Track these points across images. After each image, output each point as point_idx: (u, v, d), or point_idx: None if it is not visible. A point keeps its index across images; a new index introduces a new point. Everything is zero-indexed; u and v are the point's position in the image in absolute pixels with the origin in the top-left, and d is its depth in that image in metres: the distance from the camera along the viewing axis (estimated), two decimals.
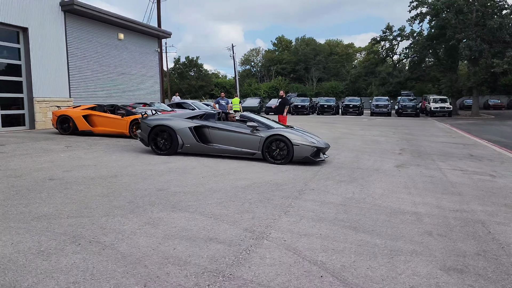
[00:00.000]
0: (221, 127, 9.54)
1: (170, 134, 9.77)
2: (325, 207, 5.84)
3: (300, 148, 9.01)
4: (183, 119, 9.88)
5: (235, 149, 9.48)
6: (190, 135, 9.64)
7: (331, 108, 39.02)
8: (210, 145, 9.63)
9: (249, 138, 9.38)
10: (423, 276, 3.67)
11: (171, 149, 9.80)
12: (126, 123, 13.88)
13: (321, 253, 4.12)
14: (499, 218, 5.60)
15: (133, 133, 13.75)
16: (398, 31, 48.01)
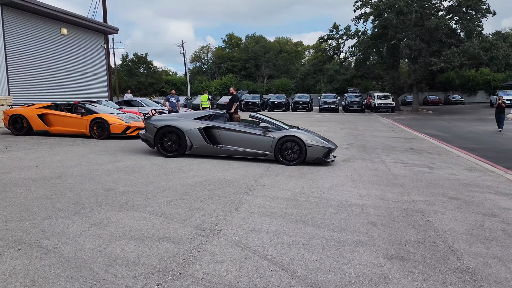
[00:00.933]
0: (231, 128, 9.25)
1: (178, 135, 9.36)
2: (275, 203, 5.92)
3: (313, 149, 8.91)
4: (191, 120, 9.48)
5: (246, 151, 9.19)
6: (200, 136, 9.26)
7: (282, 104, 39.55)
8: (220, 146, 9.31)
9: (261, 139, 9.11)
10: (367, 265, 3.83)
11: (179, 150, 9.39)
12: (86, 122, 13.13)
13: (271, 247, 4.18)
14: (436, 207, 5.95)
15: (94, 132, 13.08)
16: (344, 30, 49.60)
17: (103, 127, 12.96)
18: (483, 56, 32.24)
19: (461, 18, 35.87)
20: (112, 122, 12.98)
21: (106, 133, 12.92)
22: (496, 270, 3.82)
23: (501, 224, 5.24)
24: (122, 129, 13.02)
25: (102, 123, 13.00)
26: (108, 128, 12.88)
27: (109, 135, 12.95)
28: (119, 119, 13.29)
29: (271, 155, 9.02)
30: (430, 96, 53.54)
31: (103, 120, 13.00)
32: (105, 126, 12.93)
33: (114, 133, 12.97)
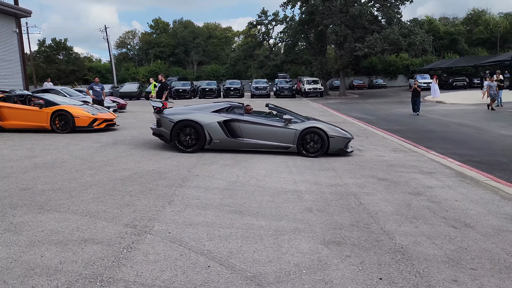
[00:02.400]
0: (252, 121, 8.84)
1: (196, 130, 8.80)
2: (210, 193, 5.75)
3: (336, 140, 8.73)
4: (209, 113, 8.94)
5: (269, 143, 8.82)
6: (220, 130, 8.75)
7: (213, 91, 39.08)
8: (241, 140, 8.85)
9: (283, 132, 8.78)
10: (306, 253, 3.81)
11: (198, 145, 8.84)
12: (46, 115, 11.93)
13: (207, 242, 4.02)
14: (367, 189, 6.14)
15: (55, 126, 11.93)
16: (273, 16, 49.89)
17: (66, 120, 11.93)
18: (402, 42, 34.09)
19: (382, 6, 37.57)
20: (77, 114, 11.97)
21: (70, 127, 11.89)
22: (425, 248, 3.97)
23: (427, 202, 5.51)
24: (88, 121, 12.07)
25: (65, 116, 11.95)
26: (72, 121, 11.86)
27: (74, 129, 11.95)
28: (85, 110, 12.36)
29: (294, 148, 8.76)
30: (356, 81, 55.85)
31: (67, 113, 11.93)
32: (68, 119, 11.91)
33: (79, 126, 11.99)
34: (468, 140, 11.42)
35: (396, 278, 3.35)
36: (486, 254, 3.83)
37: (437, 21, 66.02)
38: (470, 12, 67.44)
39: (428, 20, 63.66)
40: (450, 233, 4.38)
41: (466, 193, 5.96)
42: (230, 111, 9.03)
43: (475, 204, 5.45)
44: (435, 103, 26.68)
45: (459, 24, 65.88)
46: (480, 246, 4.03)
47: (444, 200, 5.62)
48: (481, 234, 4.34)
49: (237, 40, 77.80)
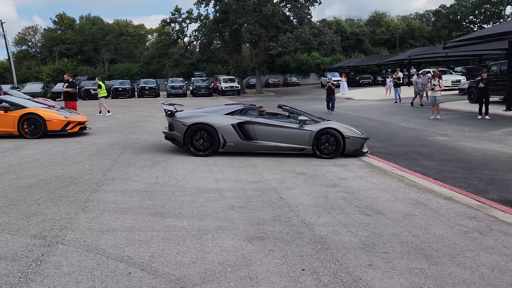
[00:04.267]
0: (266, 123, 8.60)
1: (209, 133, 8.51)
2: (128, 196, 5.50)
3: (352, 140, 8.55)
4: (222, 115, 8.66)
5: (284, 145, 8.57)
6: (234, 132, 8.48)
7: (126, 91, 37.56)
8: (255, 142, 8.58)
9: (298, 133, 8.53)
10: (230, 250, 3.80)
11: (212, 148, 8.54)
12: (13, 119, 10.55)
13: (127, 247, 3.83)
14: (287, 184, 6.31)
15: (24, 131, 10.59)
16: (187, 13, 49.27)
17: (37, 124, 10.69)
18: (313, 41, 35.66)
19: (293, 6, 38.94)
20: (48, 117, 10.75)
21: (41, 131, 10.66)
22: (342, 236, 4.18)
23: (342, 193, 5.81)
24: (61, 125, 10.95)
25: (35, 120, 10.67)
26: (44, 125, 10.67)
27: (46, 133, 10.73)
28: (57, 113, 11.17)
29: (309, 149, 8.53)
30: (271, 79, 57.25)
31: (37, 116, 10.66)
32: (39, 123, 10.69)
33: (52, 131, 10.81)
34: (375, 133, 12.27)
35: (317, 268, 3.47)
36: (396, 238, 4.13)
37: (343, 22, 70.17)
38: (373, 15, 72.71)
39: (336, 21, 67.41)
40: (364, 220, 4.66)
41: (376, 183, 6.39)
42: (243, 113, 8.81)
43: (384, 192, 5.86)
44: (345, 99, 28.28)
45: (363, 26, 70.63)
46: (391, 230, 4.34)
47: (357, 190, 5.97)
48: (391, 220, 4.68)
49: (150, 38, 75.53)
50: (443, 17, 66.04)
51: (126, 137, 10.96)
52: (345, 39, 61.14)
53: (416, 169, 7.34)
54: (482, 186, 6.24)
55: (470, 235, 4.19)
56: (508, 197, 5.61)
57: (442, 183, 6.39)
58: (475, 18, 64.08)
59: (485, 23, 61.95)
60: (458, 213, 4.90)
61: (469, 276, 3.33)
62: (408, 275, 3.34)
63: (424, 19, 73.94)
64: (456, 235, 4.19)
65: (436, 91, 15.28)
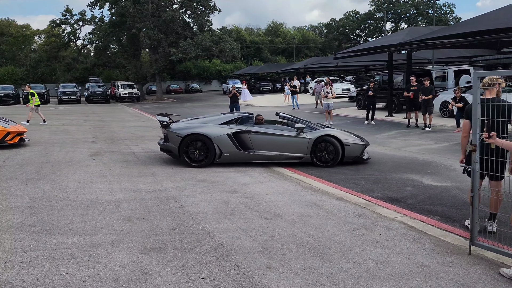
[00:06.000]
0: (262, 131, 8.35)
1: (205, 143, 8.24)
2: (8, 214, 4.95)
3: (351, 147, 8.26)
4: (217, 125, 8.43)
5: (281, 155, 8.29)
6: (230, 142, 8.20)
7: (9, 97, 34.03)
8: (252, 152, 8.29)
9: (295, 141, 8.23)
10: (125, 265, 3.62)
11: (207, 159, 8.24)
12: None
13: (5, 271, 3.43)
14: (187, 192, 6.22)
15: None
16: (79, 15, 46.38)
17: None
18: (214, 49, 35.87)
19: (193, 13, 38.79)
20: None
21: None
22: (242, 241, 4.23)
23: (242, 198, 5.89)
24: (1, 136, 9.67)
25: None
26: None
27: None
28: None
29: (308, 158, 8.22)
30: (172, 85, 56.28)
31: None
32: None
33: None
34: None
35: (217, 275, 3.46)
36: (293, 239, 4.30)
37: (243, 31, 71.91)
38: (271, 25, 75.61)
39: (236, 29, 68.79)
40: (263, 224, 4.77)
41: (275, 187, 6.60)
42: (239, 122, 8.53)
43: (282, 195, 6.07)
44: (246, 106, 28.90)
45: (262, 35, 73.09)
46: (288, 232, 4.50)
47: (257, 195, 6.10)
48: (288, 222, 4.86)
49: (38, 40, 69.48)
50: (333, 30, 71.36)
51: (12, 148, 9.90)
52: (245, 47, 62.64)
53: (311, 172, 7.75)
54: (368, 185, 6.79)
55: (358, 232, 4.52)
56: (390, 195, 6.18)
57: (335, 184, 6.83)
58: (361, 32, 70.41)
59: (369, 36, 68.37)
60: (348, 211, 5.26)
61: (357, 270, 3.58)
62: (303, 274, 3.49)
63: (317, 31, 79.01)
64: (346, 233, 4.49)
65: (329, 98, 16.35)
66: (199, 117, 9.60)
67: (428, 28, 26.94)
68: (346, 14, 70.30)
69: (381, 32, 63.60)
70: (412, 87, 14.23)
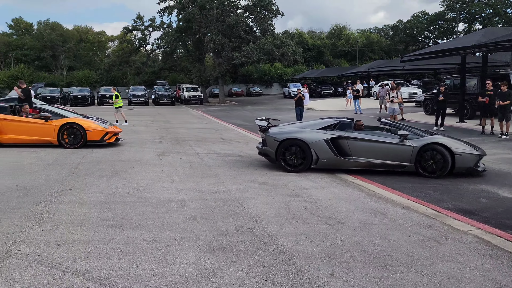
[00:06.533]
0: (362, 138, 8.05)
1: (302, 149, 8.12)
2: (86, 208, 5.32)
3: (463, 158, 7.67)
4: (315, 131, 8.27)
5: (382, 162, 7.94)
6: (327, 148, 8.02)
7: (86, 98, 36.56)
8: (350, 158, 8.02)
9: (397, 149, 7.86)
10: (192, 262, 3.75)
11: (304, 165, 8.12)
12: (53, 128, 10.15)
13: (84, 261, 3.69)
14: (249, 194, 6.31)
15: (64, 141, 10.30)
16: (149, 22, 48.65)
17: (76, 134, 10.36)
18: (276, 52, 36.10)
19: (256, 17, 39.33)
20: (88, 127, 10.46)
21: (81, 141, 10.36)
22: (304, 246, 4.22)
23: (304, 203, 5.87)
24: (100, 135, 10.70)
25: (75, 129, 10.32)
26: (84, 135, 10.39)
27: (86, 143, 10.36)
28: (96, 123, 10.84)
29: (411, 167, 7.85)
30: (234, 88, 57.36)
31: (77, 126, 10.36)
32: (79, 133, 10.37)
33: (91, 141, 10.50)
34: None
35: (280, 278, 3.48)
36: (357, 247, 4.21)
37: (305, 34, 71.59)
38: (333, 28, 74.63)
39: (298, 33, 68.67)
40: (325, 230, 4.72)
41: (337, 192, 6.51)
42: (338, 128, 8.33)
43: (345, 201, 5.97)
44: (307, 109, 28.75)
45: (324, 38, 72.36)
46: (351, 240, 4.42)
47: (319, 199, 6.05)
48: (351, 229, 4.77)
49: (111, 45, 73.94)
50: (400, 32, 68.87)
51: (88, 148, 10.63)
52: (307, 51, 62.37)
53: (375, 179, 7.54)
54: (438, 195, 6.49)
55: (426, 244, 4.33)
56: (462, 206, 5.86)
57: (400, 192, 6.60)
58: (430, 34, 67.28)
59: (439, 38, 65.15)
60: (415, 222, 5.06)
61: (426, 284, 3.43)
62: (368, 284, 3.41)
63: (382, 33, 76.79)
64: (413, 244, 4.32)
65: (394, 103, 15.84)
66: (298, 122, 9.39)
67: (507, 29, 25.23)
68: (414, 15, 67.54)
69: (453, 33, 60.46)
70: (488, 92, 13.38)
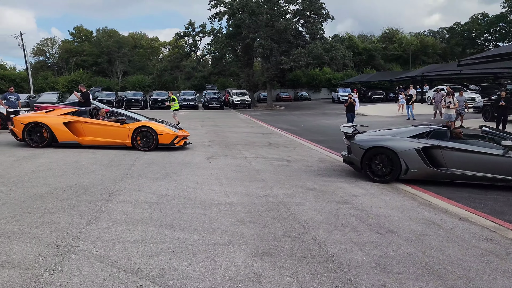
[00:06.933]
0: (458, 148, 7.44)
1: (389, 158, 7.71)
2: (139, 208, 5.52)
3: None
4: (405, 139, 7.82)
5: (481, 175, 7.29)
6: (418, 158, 7.54)
7: (139, 102, 38.03)
8: (445, 170, 7.51)
9: (502, 161, 7.14)
10: (240, 266, 3.78)
11: (392, 175, 7.71)
12: (128, 131, 10.96)
13: (137, 259, 3.83)
14: (297, 199, 6.27)
15: (137, 143, 10.95)
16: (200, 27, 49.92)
17: (149, 137, 11.03)
18: (325, 57, 35.76)
19: (306, 21, 39.22)
20: (160, 131, 11.06)
21: (153, 144, 10.96)
22: (354, 255, 4.13)
23: (353, 210, 5.75)
24: (171, 139, 11.20)
25: (147, 133, 11.03)
26: (156, 138, 10.98)
27: (157, 146, 11.02)
28: (167, 127, 11.49)
29: None
30: (282, 93, 57.39)
31: (150, 129, 11.00)
32: (151, 136, 11.02)
33: (162, 144, 11.09)
34: None
35: (328, 287, 3.43)
36: (409, 258, 4.07)
37: (356, 38, 70.34)
38: (385, 31, 72.82)
39: (348, 37, 67.62)
40: (376, 239, 4.60)
41: (388, 200, 6.32)
42: (431, 136, 7.81)
43: (396, 210, 5.79)
44: (356, 115, 28.21)
45: (375, 42, 70.72)
46: (404, 250, 4.28)
47: (369, 207, 5.91)
48: (404, 239, 4.61)
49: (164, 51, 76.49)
50: (457, 34, 65.95)
51: None
52: (357, 55, 61.21)
53: (429, 188, 7.26)
54: (499, 207, 6.13)
55: (486, 258, 4.10)
56: None
57: (457, 203, 6.30)
58: (490, 36, 63.85)
59: (500, 41, 61.68)
60: (473, 234, 4.81)
61: None
62: None
63: (438, 36, 73.91)
64: (471, 258, 4.11)
65: (451, 109, 15.19)
66: (387, 129, 8.90)
67: None
68: (473, 17, 64.45)
69: None
70: None
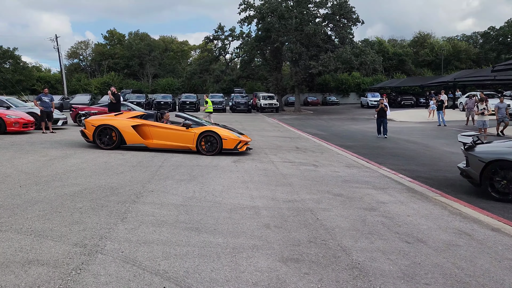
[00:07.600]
0: None
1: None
2: (165, 210, 5.58)
3: None
4: None
5: None
6: None
7: (168, 104, 38.65)
8: None
9: None
10: (264, 271, 3.75)
11: None
12: (193, 136, 11.34)
13: (163, 261, 3.86)
14: (323, 205, 6.19)
15: (201, 148, 11.25)
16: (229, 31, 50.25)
17: (213, 142, 11.37)
18: (354, 61, 35.43)
19: (335, 26, 38.98)
20: (224, 136, 11.36)
21: (217, 149, 11.26)
22: (381, 264, 4.03)
23: (381, 217, 5.63)
24: (234, 144, 11.42)
25: (212, 137, 11.38)
26: (220, 143, 11.29)
27: (221, 151, 11.32)
28: (230, 132, 11.80)
29: None
30: (310, 97, 57.15)
31: (214, 134, 11.33)
32: (215, 141, 11.35)
33: (226, 149, 11.36)
34: (416, 157, 11.90)
35: None
36: (438, 269, 3.94)
37: (386, 42, 69.31)
38: (417, 35, 71.43)
39: (378, 41, 66.69)
40: (404, 248, 4.48)
41: (417, 208, 6.16)
42: None
43: (426, 219, 5.63)
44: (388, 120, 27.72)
45: (406, 46, 69.49)
46: (433, 261, 4.15)
47: (397, 215, 5.77)
48: (433, 249, 4.47)
49: (193, 54, 77.54)
50: (491, 39, 64.07)
51: (165, 150, 11.18)
52: (387, 60, 60.31)
53: (460, 196, 7.03)
54: None
55: None
56: None
57: (489, 212, 6.08)
58: None
59: None
60: (507, 246, 4.62)
61: None
62: None
63: (471, 41, 71.93)
64: (504, 270, 3.94)
65: (485, 115, 14.72)
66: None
67: None
68: (509, 22, 62.42)
69: None
70: None
